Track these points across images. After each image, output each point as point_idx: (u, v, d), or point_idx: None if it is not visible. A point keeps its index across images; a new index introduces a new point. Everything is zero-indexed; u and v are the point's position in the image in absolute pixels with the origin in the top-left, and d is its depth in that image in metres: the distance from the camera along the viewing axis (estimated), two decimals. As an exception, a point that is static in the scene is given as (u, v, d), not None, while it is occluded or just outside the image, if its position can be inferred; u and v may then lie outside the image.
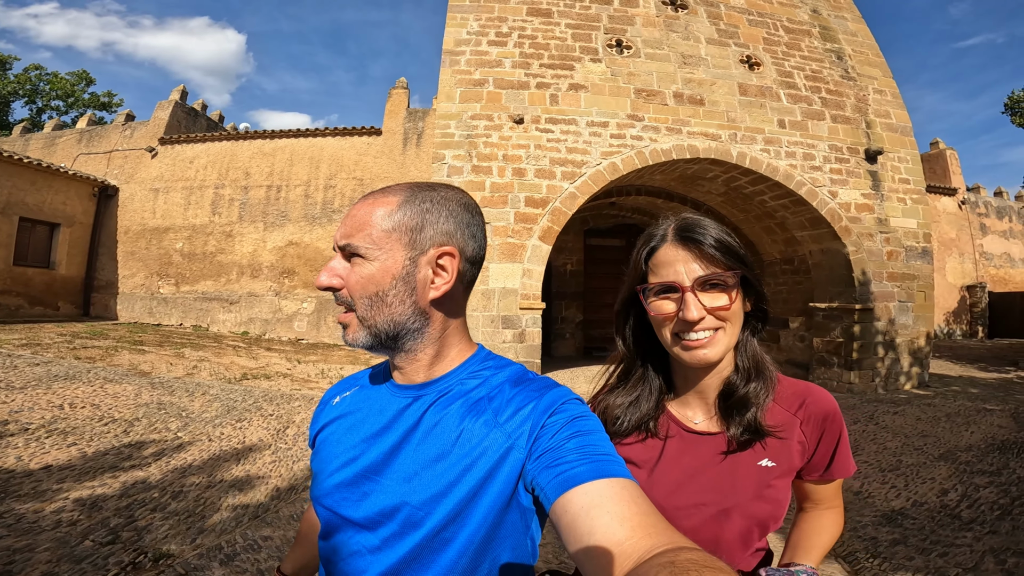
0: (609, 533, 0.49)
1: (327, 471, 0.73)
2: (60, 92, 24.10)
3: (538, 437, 0.63)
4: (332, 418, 0.79)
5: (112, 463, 3.43)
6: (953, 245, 15.49)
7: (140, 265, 12.01)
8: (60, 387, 5.00)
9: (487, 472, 0.63)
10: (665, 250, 0.80)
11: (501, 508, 0.63)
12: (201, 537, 2.61)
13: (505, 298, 6.63)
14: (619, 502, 0.52)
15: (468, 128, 7.01)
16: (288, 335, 11.08)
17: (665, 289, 0.79)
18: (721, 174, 7.91)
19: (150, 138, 12.55)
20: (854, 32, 8.71)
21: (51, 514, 2.66)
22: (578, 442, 0.60)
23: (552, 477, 0.57)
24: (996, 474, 3.81)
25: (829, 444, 0.83)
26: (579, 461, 0.57)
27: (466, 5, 7.57)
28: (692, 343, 0.77)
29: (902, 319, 7.57)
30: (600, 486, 0.54)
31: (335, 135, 11.80)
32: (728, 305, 0.76)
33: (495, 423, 0.66)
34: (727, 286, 0.77)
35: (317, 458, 0.77)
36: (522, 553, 0.67)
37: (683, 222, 0.81)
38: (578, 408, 0.66)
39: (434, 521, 0.63)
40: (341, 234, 0.68)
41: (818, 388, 0.86)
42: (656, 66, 7.56)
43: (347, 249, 0.68)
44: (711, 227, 0.79)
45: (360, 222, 0.68)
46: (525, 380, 0.71)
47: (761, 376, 0.83)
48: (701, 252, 0.77)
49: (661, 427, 0.86)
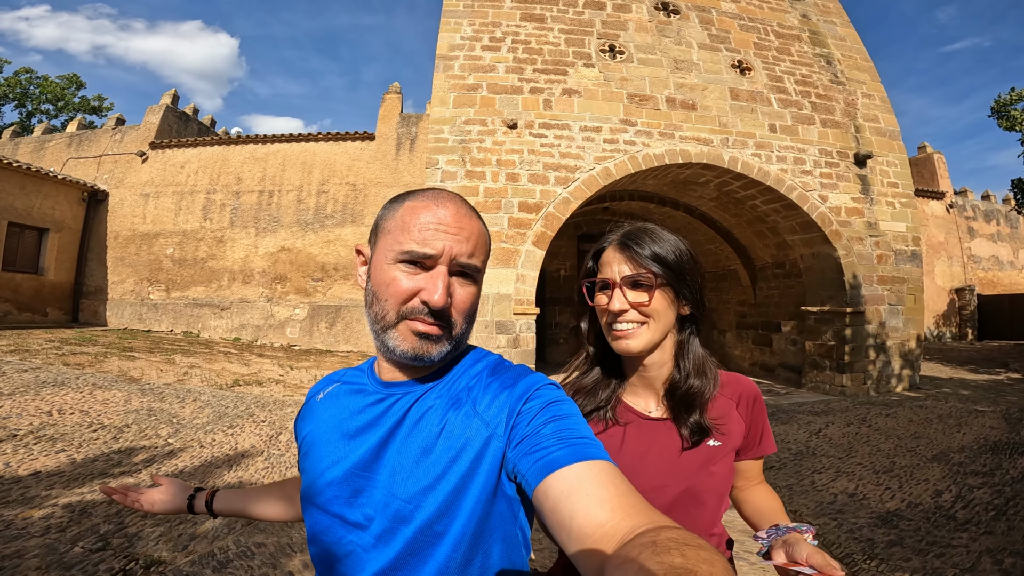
0: (590, 515, 0.49)
1: (317, 470, 0.72)
2: (50, 96, 23.90)
3: (515, 424, 0.63)
4: (318, 416, 0.78)
5: (102, 469, 3.38)
6: (942, 248, 15.67)
7: (130, 271, 11.89)
8: (49, 393, 4.93)
9: (471, 463, 0.63)
10: (608, 252, 0.94)
11: (488, 498, 0.63)
12: (193, 544, 2.57)
13: (499, 303, 6.62)
14: (598, 484, 0.52)
15: (462, 133, 7.01)
16: (280, 341, 11.00)
17: (604, 285, 0.92)
18: (713, 179, 7.97)
19: (141, 142, 12.46)
20: (843, 37, 8.82)
21: (40, 520, 2.62)
22: (555, 427, 0.60)
23: (532, 463, 0.57)
24: (989, 475, 3.84)
25: (758, 424, 0.97)
26: (557, 446, 0.57)
27: (460, 10, 7.60)
28: (619, 333, 0.90)
29: (893, 322, 7.64)
30: (579, 469, 0.54)
31: (328, 140, 11.77)
32: (647, 302, 0.88)
33: (475, 413, 0.66)
34: (649, 286, 0.88)
35: (307, 458, 0.76)
36: (513, 544, 0.67)
37: (627, 232, 0.94)
38: (553, 393, 0.66)
39: (424, 515, 0.62)
40: (462, 249, 0.68)
41: (744, 376, 1.00)
42: (649, 71, 7.62)
43: (468, 268, 0.69)
44: (651, 237, 0.91)
45: (481, 241, 0.71)
46: (501, 368, 0.72)
47: (702, 374, 0.93)
48: (633, 257, 0.89)
49: (620, 416, 0.96)
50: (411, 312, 0.66)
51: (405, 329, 0.67)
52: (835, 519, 3.25)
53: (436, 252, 0.66)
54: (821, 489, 3.76)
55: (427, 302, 0.65)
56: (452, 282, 0.67)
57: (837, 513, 3.33)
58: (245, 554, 2.52)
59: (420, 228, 0.67)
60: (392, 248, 0.68)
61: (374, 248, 0.72)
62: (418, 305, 0.66)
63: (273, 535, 2.76)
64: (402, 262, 0.67)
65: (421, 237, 0.66)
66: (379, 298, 0.68)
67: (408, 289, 0.66)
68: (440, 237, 0.66)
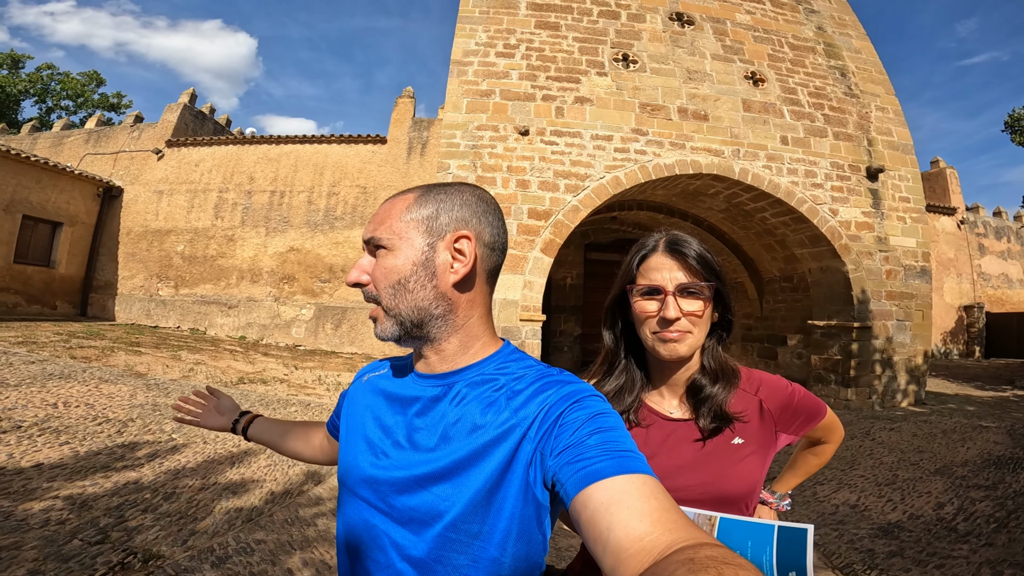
0: (629, 528, 0.49)
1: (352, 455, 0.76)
2: (70, 92, 24.27)
3: (558, 433, 0.62)
4: (359, 399, 0.82)
5: (104, 463, 3.40)
6: (951, 265, 15.52)
7: (140, 267, 12.01)
8: (55, 386, 4.97)
9: (504, 462, 0.64)
10: (655, 258, 0.93)
11: (517, 497, 0.64)
12: (193, 539, 2.58)
13: (506, 309, 6.62)
14: (640, 498, 0.52)
15: (473, 138, 7.05)
16: (286, 341, 11.04)
17: (651, 291, 0.91)
18: (723, 190, 7.95)
19: (157, 140, 12.62)
20: (858, 49, 8.79)
21: (40, 512, 2.63)
22: (600, 438, 0.59)
23: (573, 473, 0.57)
24: (992, 488, 3.80)
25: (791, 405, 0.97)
26: (601, 457, 0.56)
27: (475, 16, 7.66)
28: (669, 337, 0.90)
29: (900, 338, 7.56)
30: (621, 482, 0.53)
31: (340, 142, 11.86)
32: (701, 312, 0.90)
33: (512, 414, 0.66)
34: (702, 295, 0.90)
35: (344, 440, 0.81)
36: (535, 547, 0.67)
37: (673, 236, 0.95)
38: (600, 404, 0.66)
39: (456, 511, 0.64)
40: (366, 230, 0.74)
41: (768, 374, 1.01)
42: (661, 81, 7.63)
43: (372, 242, 0.72)
44: (694, 243, 0.93)
45: (382, 217, 0.73)
46: (548, 374, 0.71)
47: (725, 377, 0.95)
48: (685, 263, 0.90)
49: (643, 418, 0.97)
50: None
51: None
52: (836, 529, 3.23)
53: (365, 238, 0.73)
54: (823, 500, 3.74)
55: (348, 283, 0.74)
56: (373, 260, 0.73)
57: (838, 524, 3.31)
58: (244, 550, 2.52)
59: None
60: None
61: None
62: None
63: (274, 532, 2.76)
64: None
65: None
66: None
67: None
68: (368, 227, 0.74)
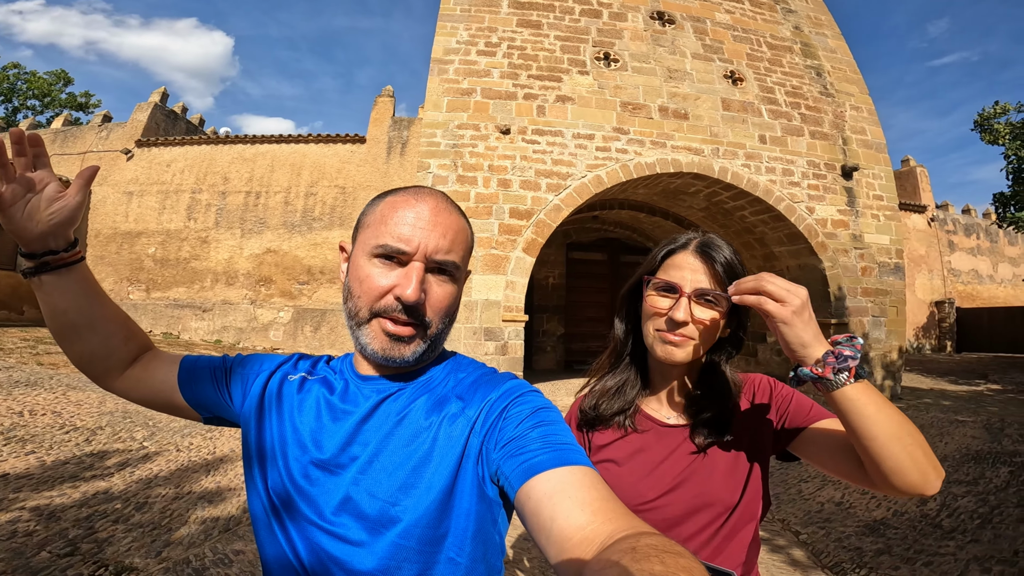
0: (571, 518, 0.50)
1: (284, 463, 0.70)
2: (37, 91, 23.47)
3: (501, 427, 0.63)
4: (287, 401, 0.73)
5: (72, 472, 3.25)
6: (923, 262, 15.96)
7: (110, 270, 11.62)
8: (20, 393, 4.77)
9: (456, 459, 0.64)
10: (682, 255, 0.89)
11: (471, 496, 0.63)
12: (167, 550, 2.47)
13: (488, 310, 6.56)
14: (580, 488, 0.53)
15: (454, 137, 6.98)
16: (263, 344, 10.80)
17: (667, 287, 0.87)
18: (703, 189, 8.02)
19: (126, 140, 12.25)
20: (834, 49, 8.96)
21: (6, 524, 2.50)
22: (541, 432, 0.60)
23: (516, 466, 0.58)
24: (973, 484, 3.87)
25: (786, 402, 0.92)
26: (542, 450, 0.58)
27: (457, 14, 7.59)
28: (669, 339, 0.86)
29: (875, 334, 7.72)
30: (562, 473, 0.54)
31: (318, 142, 11.66)
32: (712, 322, 0.85)
33: (460, 411, 0.67)
34: (718, 306, 0.85)
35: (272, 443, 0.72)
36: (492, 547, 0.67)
37: (708, 238, 0.90)
38: (539, 400, 0.67)
39: (411, 517, 0.61)
40: (441, 247, 0.66)
41: (755, 374, 0.99)
42: (642, 80, 7.67)
43: (445, 265, 0.67)
44: (727, 250, 0.88)
45: (461, 238, 0.69)
46: (490, 372, 0.74)
47: (727, 396, 0.91)
48: (711, 268, 0.86)
49: (639, 423, 0.95)
50: (384, 310, 0.65)
51: (377, 327, 0.66)
52: (823, 528, 3.25)
53: (410, 248, 0.64)
54: (808, 498, 3.77)
55: (400, 297, 0.64)
56: (428, 279, 0.66)
57: (825, 522, 3.33)
58: (222, 562, 2.43)
59: (397, 223, 0.65)
60: (369, 242, 0.67)
61: (354, 243, 0.71)
62: (391, 303, 0.65)
63: (252, 543, 2.66)
64: (378, 256, 0.66)
65: (397, 232, 0.65)
66: (353, 294, 0.67)
67: (381, 286, 0.65)
68: (416, 233, 0.65)
